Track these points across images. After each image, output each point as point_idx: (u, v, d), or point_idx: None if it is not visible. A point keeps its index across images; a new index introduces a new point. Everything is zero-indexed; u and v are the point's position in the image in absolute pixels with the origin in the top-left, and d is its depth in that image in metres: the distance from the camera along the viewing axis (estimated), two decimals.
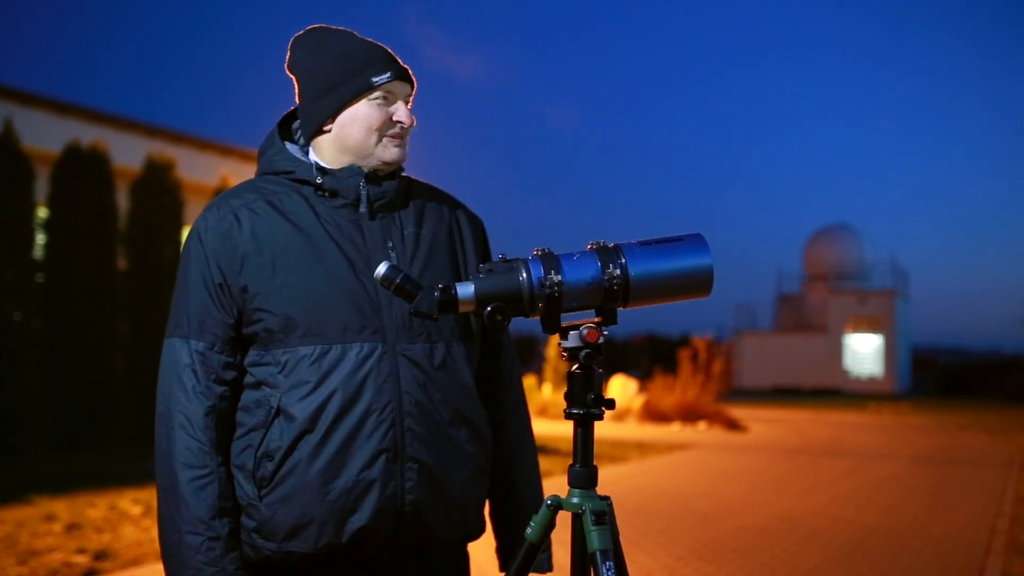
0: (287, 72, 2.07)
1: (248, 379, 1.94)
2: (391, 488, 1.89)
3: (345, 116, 1.98)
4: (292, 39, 2.07)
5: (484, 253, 2.15)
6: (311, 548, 1.89)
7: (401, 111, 2.00)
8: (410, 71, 2.06)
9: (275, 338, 1.90)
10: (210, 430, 1.90)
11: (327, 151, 2.01)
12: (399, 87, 2.01)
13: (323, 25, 2.06)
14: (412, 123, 2.02)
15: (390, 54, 2.03)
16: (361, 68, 1.98)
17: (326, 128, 2.01)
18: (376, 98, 1.98)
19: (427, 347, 1.95)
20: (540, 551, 1.97)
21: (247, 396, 1.94)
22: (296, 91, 2.05)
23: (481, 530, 2.09)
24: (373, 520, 1.88)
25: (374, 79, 1.97)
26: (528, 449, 2.23)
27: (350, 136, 1.98)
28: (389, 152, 1.99)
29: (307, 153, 2.05)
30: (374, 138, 1.98)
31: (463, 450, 1.98)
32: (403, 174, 2.09)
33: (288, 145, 2.06)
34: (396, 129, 2.00)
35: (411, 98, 2.05)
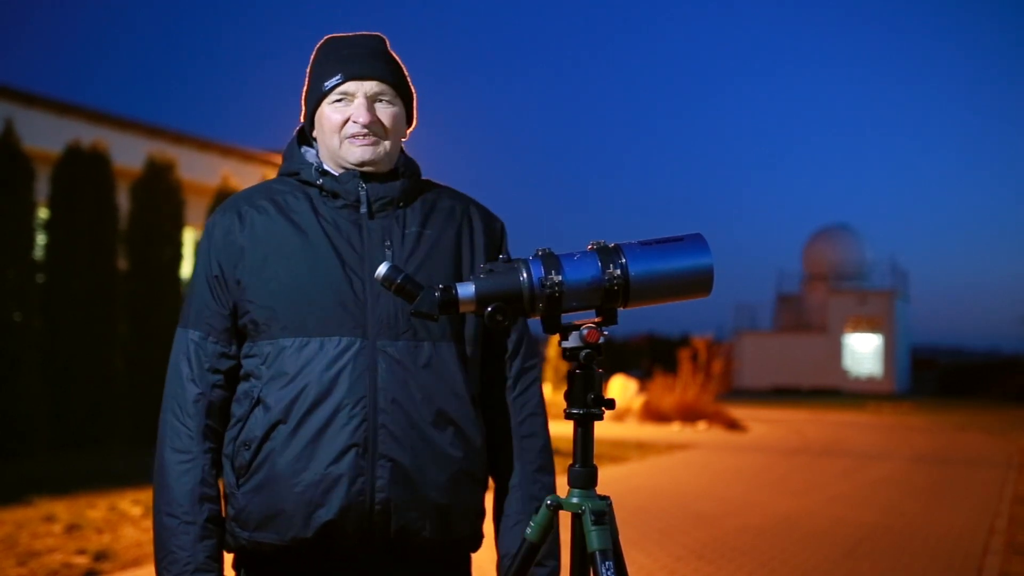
0: None
1: (241, 371, 1.99)
2: (359, 485, 1.88)
3: (317, 122, 2.02)
4: None
5: (498, 255, 2.05)
6: (279, 540, 1.90)
7: (358, 111, 1.97)
8: (387, 65, 2.01)
9: (260, 330, 1.94)
10: (199, 416, 1.95)
11: (322, 154, 2.05)
12: (357, 86, 1.97)
13: (336, 35, 2.07)
14: (371, 120, 1.96)
15: (354, 54, 1.99)
16: (321, 73, 2.01)
17: (313, 134, 2.06)
18: (334, 101, 1.98)
19: (411, 345, 1.93)
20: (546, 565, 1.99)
21: (239, 388, 1.98)
22: None
23: (475, 538, 2.06)
24: (340, 516, 1.88)
25: (325, 84, 1.99)
26: (528, 469, 2.08)
27: (323, 141, 2.03)
28: (353, 153, 1.98)
29: (318, 155, 2.07)
30: (336, 140, 1.99)
31: (444, 452, 1.94)
32: (421, 177, 2.08)
33: (306, 148, 2.09)
34: (354, 129, 1.97)
35: (383, 95, 1.99)
